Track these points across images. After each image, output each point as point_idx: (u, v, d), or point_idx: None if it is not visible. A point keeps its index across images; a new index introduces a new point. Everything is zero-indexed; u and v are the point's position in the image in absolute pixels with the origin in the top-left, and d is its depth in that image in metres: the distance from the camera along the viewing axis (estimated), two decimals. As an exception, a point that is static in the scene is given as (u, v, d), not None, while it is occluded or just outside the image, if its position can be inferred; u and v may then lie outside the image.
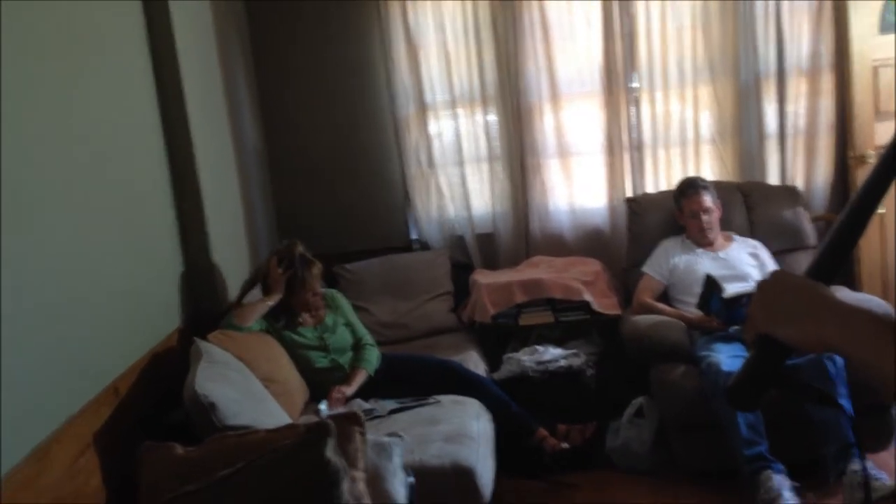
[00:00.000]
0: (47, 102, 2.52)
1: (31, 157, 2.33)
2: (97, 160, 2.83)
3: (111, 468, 2.58)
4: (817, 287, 1.03)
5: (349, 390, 3.65)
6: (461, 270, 4.85)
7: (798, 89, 4.74)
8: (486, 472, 3.10)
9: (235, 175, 4.30)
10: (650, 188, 4.86)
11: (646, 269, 4.31)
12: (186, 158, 3.60)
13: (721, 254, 4.20)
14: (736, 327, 3.84)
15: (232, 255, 3.99)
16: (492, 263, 4.95)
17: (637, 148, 4.87)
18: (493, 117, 4.91)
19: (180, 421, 2.80)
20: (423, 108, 4.90)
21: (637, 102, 4.86)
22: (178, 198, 3.60)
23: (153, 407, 2.98)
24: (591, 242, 4.92)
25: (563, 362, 4.06)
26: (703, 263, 4.14)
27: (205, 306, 3.66)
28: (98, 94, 2.91)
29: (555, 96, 4.86)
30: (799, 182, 4.76)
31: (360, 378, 3.74)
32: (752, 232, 4.41)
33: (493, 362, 4.24)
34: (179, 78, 3.54)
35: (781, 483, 3.30)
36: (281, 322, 3.73)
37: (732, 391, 1.10)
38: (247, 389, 2.99)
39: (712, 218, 4.23)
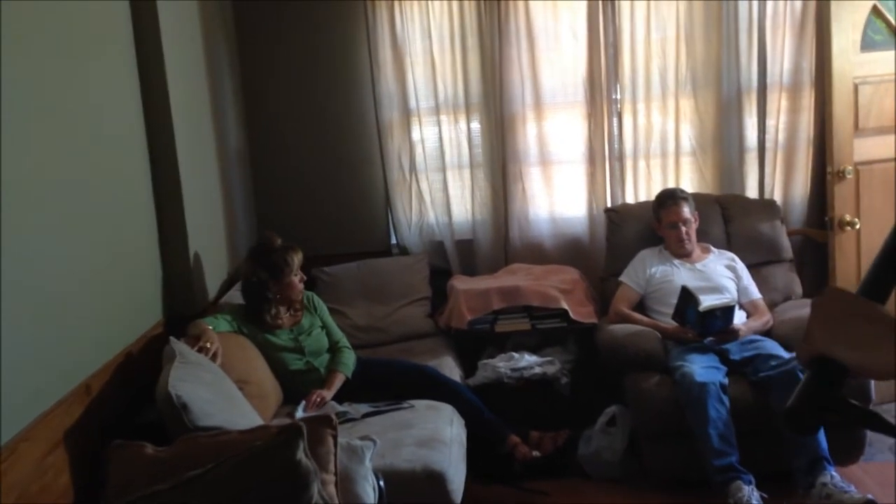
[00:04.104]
0: (30, 100, 2.52)
1: (7, 154, 2.33)
2: (77, 158, 2.83)
3: (81, 466, 2.58)
4: (884, 312, 0.99)
5: (328, 394, 3.65)
6: (440, 276, 4.86)
7: (779, 104, 4.78)
8: (457, 478, 3.11)
9: (217, 175, 4.31)
10: (630, 199, 4.88)
11: (623, 278, 4.33)
12: (168, 158, 3.60)
13: (698, 265, 4.23)
14: (710, 339, 3.88)
15: (211, 256, 3.99)
16: (470, 270, 4.96)
17: (618, 158, 4.89)
18: (476, 125, 4.93)
19: (152, 421, 2.80)
20: (406, 113, 4.91)
21: (619, 113, 4.88)
22: (158, 197, 3.60)
23: (125, 406, 2.98)
24: (569, 251, 4.94)
25: (538, 370, 4.08)
26: (680, 274, 4.17)
27: (181, 306, 3.66)
28: (82, 92, 2.92)
29: (538, 105, 4.88)
30: (777, 196, 4.79)
31: (337, 381, 3.74)
32: (729, 244, 4.45)
33: (469, 368, 4.25)
34: (164, 78, 3.55)
35: (751, 494, 3.34)
36: (257, 321, 3.73)
37: (790, 415, 1.04)
38: (220, 390, 2.99)
39: (690, 229, 4.26)
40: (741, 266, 4.27)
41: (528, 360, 4.16)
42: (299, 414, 3.44)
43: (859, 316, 1.00)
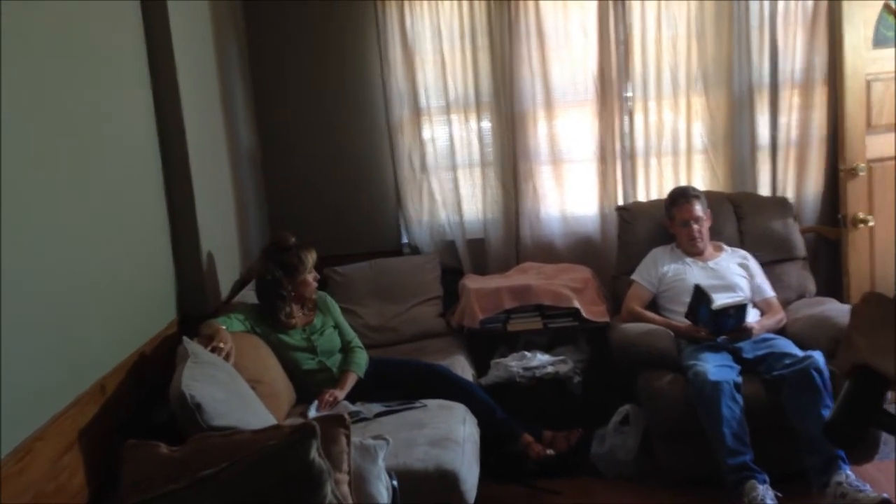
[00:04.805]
0: (43, 99, 2.53)
1: (21, 154, 2.33)
2: (89, 158, 2.84)
3: (95, 466, 2.59)
4: None
5: (341, 394, 3.65)
6: (451, 275, 4.85)
7: (791, 101, 4.76)
8: (470, 477, 3.10)
9: (229, 175, 4.31)
10: (641, 197, 4.87)
11: (635, 277, 4.32)
12: (180, 158, 3.61)
13: (711, 263, 4.22)
14: (723, 337, 3.86)
15: (223, 256, 4.00)
16: (482, 269, 4.96)
17: (629, 157, 4.89)
18: (486, 123, 4.92)
19: (166, 420, 2.81)
20: (417, 112, 4.91)
21: (630, 111, 4.87)
22: (170, 198, 3.60)
23: (140, 406, 2.99)
24: (581, 250, 4.94)
25: (550, 369, 4.07)
26: (693, 273, 4.16)
27: (194, 306, 3.67)
28: (94, 92, 2.93)
29: (549, 104, 4.87)
30: (789, 194, 4.78)
31: (350, 381, 3.73)
32: (741, 242, 4.43)
33: (481, 367, 4.24)
34: (175, 79, 3.56)
35: (765, 493, 3.33)
36: (270, 321, 3.73)
37: (831, 427, 1.01)
38: (233, 390, 2.99)
39: (702, 227, 4.25)
40: (754, 264, 4.25)
41: (540, 359, 4.15)
42: (312, 413, 3.44)
43: None
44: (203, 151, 3.82)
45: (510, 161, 4.90)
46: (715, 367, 3.62)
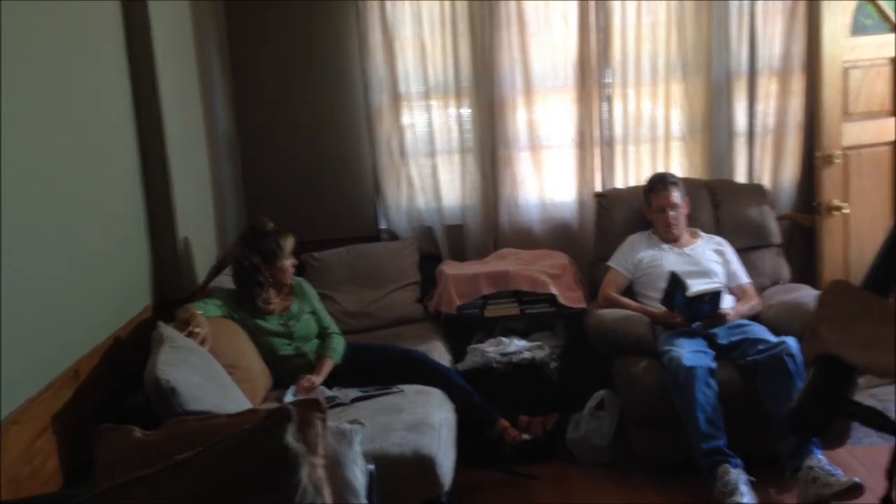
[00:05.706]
0: (17, 86, 2.50)
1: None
2: (65, 145, 2.82)
3: (70, 450, 2.58)
4: (892, 308, 0.95)
5: (318, 380, 3.64)
6: (429, 261, 4.85)
7: (768, 89, 4.78)
8: (446, 462, 3.11)
9: (206, 161, 4.29)
10: (619, 184, 4.89)
11: (612, 263, 4.34)
12: (157, 143, 3.58)
13: (687, 250, 4.24)
14: (698, 323, 3.89)
15: (199, 240, 3.98)
16: (460, 255, 4.96)
17: (608, 143, 4.89)
18: (465, 109, 4.91)
19: (141, 405, 2.80)
20: (396, 98, 4.89)
21: (609, 98, 4.88)
22: (146, 182, 3.58)
23: (114, 390, 2.98)
24: (559, 236, 4.94)
25: (526, 354, 4.08)
26: (669, 259, 4.18)
27: (170, 291, 3.66)
28: (70, 78, 2.90)
29: (528, 90, 4.86)
30: (766, 181, 4.81)
31: (327, 367, 3.73)
32: (718, 229, 4.46)
33: (458, 353, 4.25)
34: (153, 62, 3.53)
35: (738, 477, 3.35)
36: (247, 306, 3.72)
37: (794, 416, 1.00)
38: (209, 375, 2.99)
39: (679, 214, 4.27)
40: (730, 250, 4.28)
41: (517, 344, 4.16)
42: (288, 398, 3.44)
43: (868, 313, 0.96)
44: (180, 136, 3.79)
45: (489, 147, 4.90)
46: (690, 352, 3.65)
